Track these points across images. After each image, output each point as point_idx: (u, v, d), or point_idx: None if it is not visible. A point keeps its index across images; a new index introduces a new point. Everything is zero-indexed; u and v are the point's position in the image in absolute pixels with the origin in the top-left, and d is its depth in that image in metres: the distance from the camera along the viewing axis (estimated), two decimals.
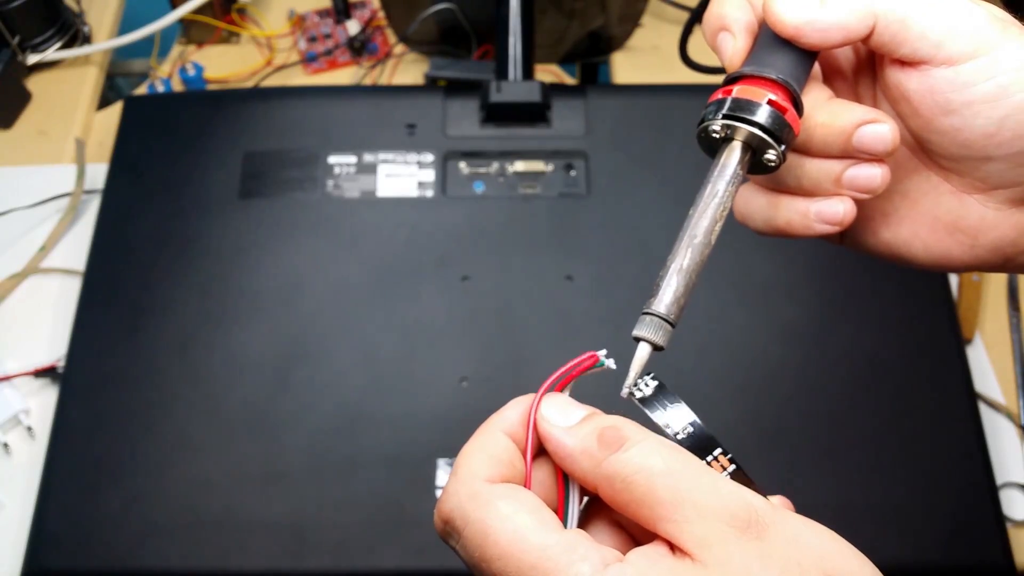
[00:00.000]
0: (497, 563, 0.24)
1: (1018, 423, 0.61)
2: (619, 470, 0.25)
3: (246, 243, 0.63)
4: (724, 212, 0.29)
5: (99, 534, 0.53)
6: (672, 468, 0.24)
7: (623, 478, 0.24)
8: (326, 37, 0.83)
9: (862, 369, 0.59)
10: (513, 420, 0.28)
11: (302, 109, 0.69)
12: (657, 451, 0.25)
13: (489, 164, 0.67)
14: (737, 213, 0.33)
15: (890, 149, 0.29)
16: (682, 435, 0.27)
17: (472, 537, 0.25)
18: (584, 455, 0.26)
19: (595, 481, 0.25)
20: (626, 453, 0.25)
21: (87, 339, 0.60)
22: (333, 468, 0.55)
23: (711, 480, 0.24)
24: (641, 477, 0.24)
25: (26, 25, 0.77)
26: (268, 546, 0.53)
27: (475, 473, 0.26)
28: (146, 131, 0.69)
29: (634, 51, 0.82)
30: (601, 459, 0.25)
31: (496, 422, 0.28)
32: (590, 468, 0.25)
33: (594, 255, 0.63)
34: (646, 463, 0.24)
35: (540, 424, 0.27)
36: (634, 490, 0.24)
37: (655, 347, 0.29)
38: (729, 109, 0.29)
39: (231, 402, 0.57)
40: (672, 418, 0.27)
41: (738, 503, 0.24)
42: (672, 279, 0.30)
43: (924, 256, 0.32)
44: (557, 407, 0.28)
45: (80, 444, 0.56)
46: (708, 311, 0.61)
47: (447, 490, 0.27)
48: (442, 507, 0.26)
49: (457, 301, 0.61)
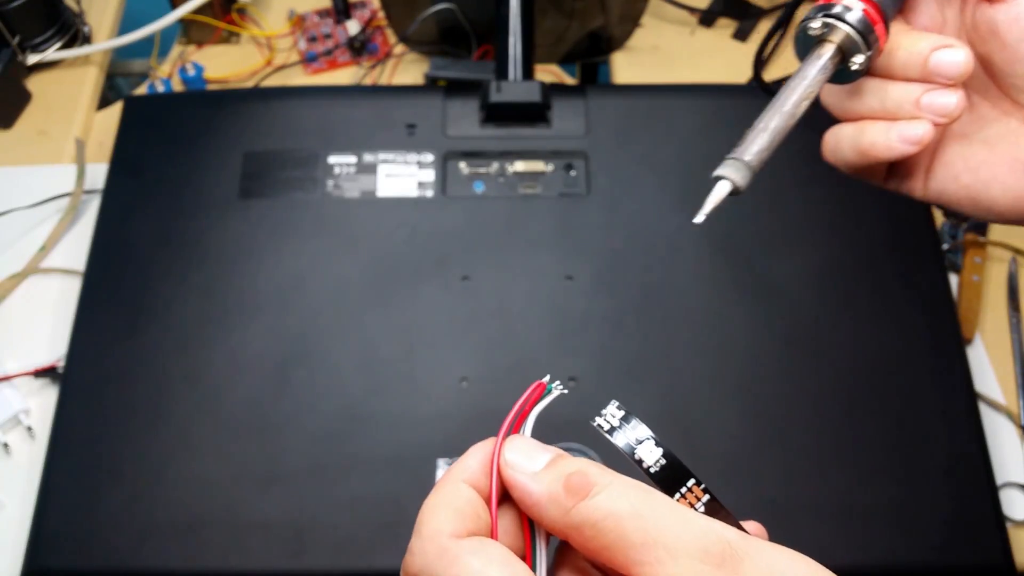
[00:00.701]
0: None
1: (1018, 423, 0.61)
2: (587, 517, 0.24)
3: (246, 243, 0.63)
4: (811, 94, 0.32)
5: (99, 534, 0.53)
6: (640, 510, 0.24)
7: (592, 524, 0.24)
8: (326, 37, 0.83)
9: (862, 369, 0.59)
10: (475, 469, 0.27)
11: (302, 109, 0.69)
12: (623, 494, 0.24)
13: (489, 164, 0.67)
14: (827, 148, 0.36)
15: (963, 72, 0.31)
16: (655, 468, 0.26)
17: None
18: (551, 503, 0.25)
19: (564, 529, 0.25)
20: (593, 500, 0.24)
21: (87, 339, 0.60)
22: (333, 468, 0.55)
23: (681, 517, 0.24)
24: (610, 522, 0.24)
25: (26, 25, 0.77)
26: (268, 546, 0.53)
27: (440, 529, 0.26)
28: (146, 131, 0.69)
29: (634, 51, 0.82)
30: (569, 507, 0.25)
31: (457, 472, 0.27)
32: (558, 516, 0.25)
33: (594, 255, 0.63)
34: (614, 508, 0.24)
35: (504, 471, 0.26)
36: (604, 536, 0.24)
37: (735, 188, 0.31)
38: (828, 10, 0.32)
39: (231, 402, 0.57)
40: (644, 452, 0.26)
41: (710, 538, 0.23)
42: (759, 134, 0.33)
43: (1003, 199, 0.33)
44: (521, 451, 0.27)
45: (80, 444, 0.56)
46: (708, 311, 0.61)
47: (412, 550, 0.26)
48: (409, 568, 0.26)
49: (457, 301, 0.61)
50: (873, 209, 0.65)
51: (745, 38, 0.83)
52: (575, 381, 0.58)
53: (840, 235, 0.64)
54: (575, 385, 0.57)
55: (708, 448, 0.55)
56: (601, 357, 0.59)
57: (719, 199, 0.31)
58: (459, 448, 0.57)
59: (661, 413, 0.56)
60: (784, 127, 0.33)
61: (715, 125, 0.68)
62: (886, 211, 0.65)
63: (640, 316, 0.60)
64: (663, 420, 0.56)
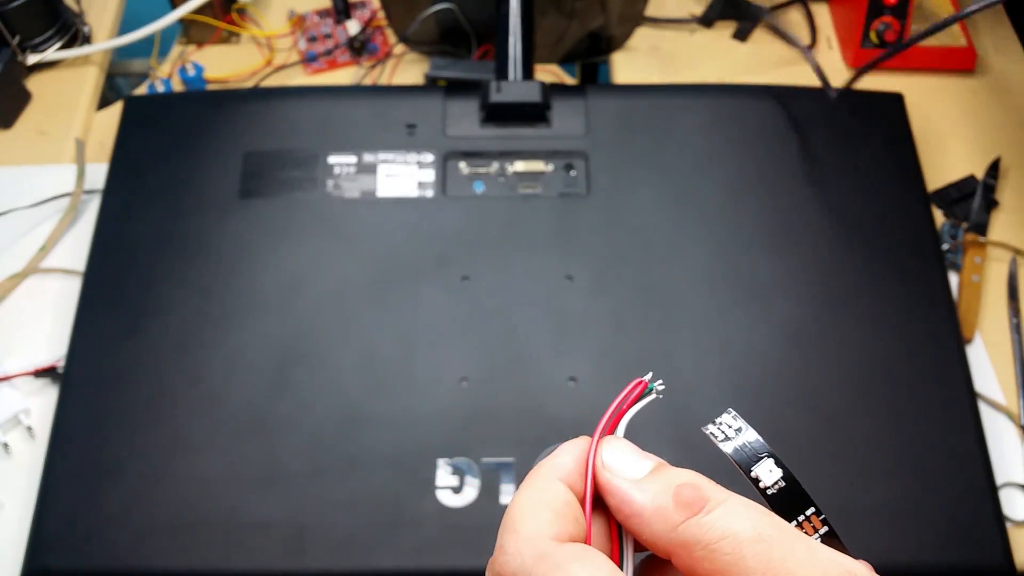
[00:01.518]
0: None
1: (1018, 423, 0.61)
2: (701, 536, 0.22)
3: (246, 243, 0.63)
4: None
5: (99, 534, 0.53)
6: (763, 534, 0.22)
7: (705, 545, 0.22)
8: (326, 37, 0.83)
9: (862, 369, 0.59)
10: (570, 468, 0.25)
11: (302, 109, 0.69)
12: (744, 514, 0.22)
13: (489, 164, 0.67)
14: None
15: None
16: (773, 490, 0.23)
17: None
18: (657, 516, 0.23)
19: (669, 546, 0.22)
20: (708, 516, 0.22)
21: (87, 339, 0.60)
22: (333, 468, 0.55)
23: (806, 547, 0.22)
24: (727, 544, 0.21)
25: (26, 25, 0.77)
26: (268, 546, 0.53)
27: (540, 531, 0.23)
28: (146, 131, 0.69)
29: (634, 51, 0.82)
30: (678, 522, 0.22)
31: (551, 470, 0.25)
32: (663, 531, 0.22)
33: (594, 255, 0.63)
34: (732, 528, 0.22)
35: (602, 474, 0.24)
36: (718, 559, 0.21)
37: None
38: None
39: (231, 402, 0.57)
40: (762, 470, 0.24)
41: (837, 571, 0.21)
42: None
43: None
44: (620, 454, 0.25)
45: (80, 444, 0.56)
46: (708, 311, 0.61)
47: (506, 549, 0.23)
48: (502, 568, 0.23)
49: (457, 301, 0.61)
50: (873, 209, 0.65)
51: (745, 38, 0.83)
52: (575, 381, 0.58)
53: (840, 235, 0.64)
54: (575, 385, 0.57)
55: (708, 448, 0.55)
56: (601, 357, 0.59)
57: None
58: (459, 448, 0.57)
59: (661, 413, 0.56)
60: None
61: (715, 125, 0.68)
62: (886, 211, 0.65)
63: (640, 316, 0.60)
64: (663, 420, 0.56)
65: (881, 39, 0.77)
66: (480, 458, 0.55)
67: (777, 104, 0.69)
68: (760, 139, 0.68)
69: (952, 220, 0.70)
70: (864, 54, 0.78)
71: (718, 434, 0.25)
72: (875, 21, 0.77)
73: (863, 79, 0.77)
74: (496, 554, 0.24)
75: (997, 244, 0.69)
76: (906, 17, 0.76)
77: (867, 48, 0.78)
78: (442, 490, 0.54)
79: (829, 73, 0.76)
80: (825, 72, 0.70)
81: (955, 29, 0.80)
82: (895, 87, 0.73)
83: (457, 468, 0.55)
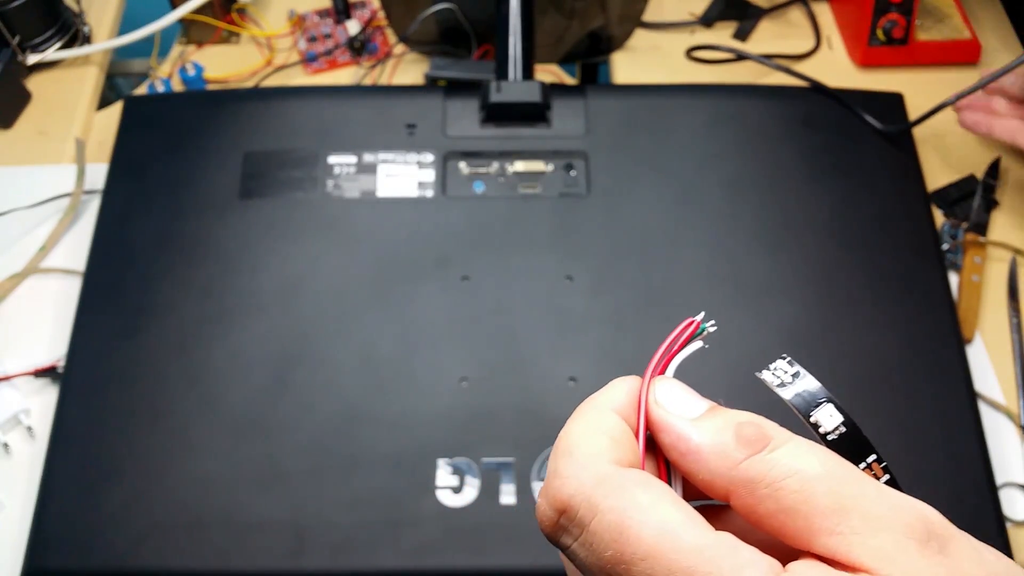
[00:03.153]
0: (641, 565, 0.20)
1: (1018, 423, 0.61)
2: (766, 473, 0.21)
3: (246, 243, 0.63)
4: None
5: (99, 534, 0.53)
6: (832, 472, 0.21)
7: (770, 483, 0.21)
8: (326, 37, 0.83)
9: (862, 369, 0.59)
10: (623, 401, 0.24)
11: (302, 109, 0.69)
12: (811, 452, 0.21)
13: (489, 164, 0.67)
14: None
15: None
16: (833, 435, 0.22)
17: (604, 531, 0.20)
18: (716, 454, 0.22)
19: (728, 485, 0.21)
20: (773, 453, 0.21)
21: (87, 339, 0.60)
22: (333, 468, 0.55)
23: (876, 488, 0.21)
24: (795, 482, 0.20)
25: (26, 25, 0.77)
26: (268, 546, 0.53)
27: (599, 454, 0.22)
28: (146, 131, 0.69)
29: (634, 51, 0.82)
30: (739, 459, 0.21)
31: (604, 401, 0.24)
32: (723, 470, 0.21)
33: (594, 255, 0.63)
34: (799, 465, 0.21)
35: (655, 411, 0.23)
36: (784, 498, 0.20)
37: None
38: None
39: (231, 402, 0.57)
40: (823, 415, 0.23)
41: (912, 513, 0.20)
42: None
43: None
44: (673, 394, 0.24)
45: (80, 444, 0.56)
46: (708, 311, 0.60)
47: (561, 472, 0.22)
48: (558, 493, 0.22)
49: (457, 301, 0.61)
50: (873, 209, 0.65)
51: (745, 38, 0.82)
52: (575, 381, 0.58)
53: (840, 235, 0.64)
54: (575, 385, 0.57)
55: None
56: (601, 357, 0.59)
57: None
58: (459, 448, 0.57)
59: None
60: None
61: (715, 125, 0.68)
62: (886, 211, 0.65)
63: (640, 316, 0.60)
64: None
65: (888, 36, 0.77)
66: (480, 458, 0.55)
67: (777, 104, 0.69)
68: (760, 139, 0.68)
69: (952, 220, 0.70)
70: (872, 52, 0.78)
71: (774, 380, 0.24)
72: (882, 19, 0.77)
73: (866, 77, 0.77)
74: (550, 480, 0.22)
75: (997, 244, 0.69)
76: (911, 14, 0.76)
77: (875, 46, 0.78)
78: (442, 490, 0.54)
79: (830, 72, 0.76)
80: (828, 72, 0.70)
81: (958, 22, 0.80)
82: (898, 85, 0.73)
83: (457, 468, 0.55)
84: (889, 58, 0.79)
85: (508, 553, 0.52)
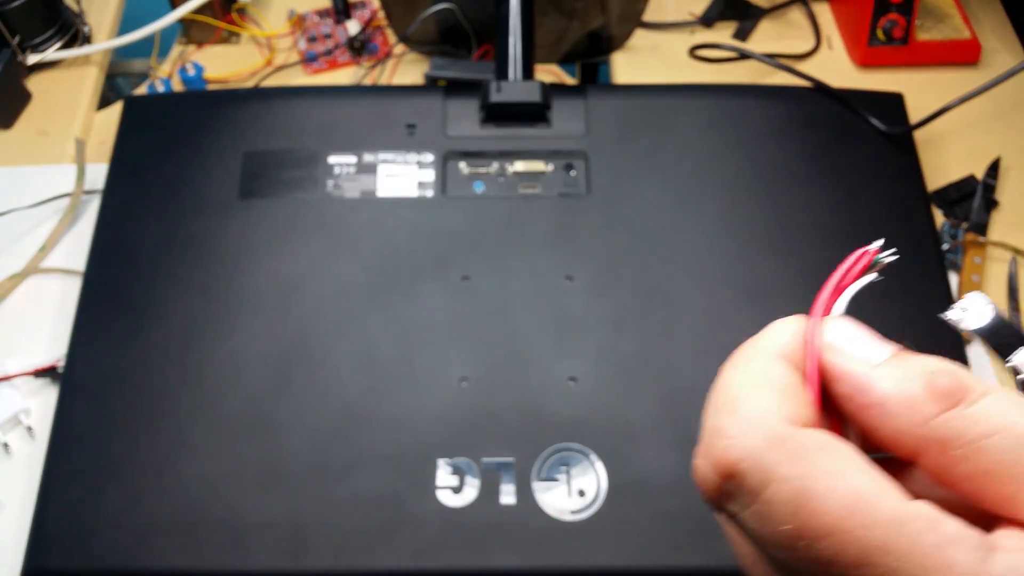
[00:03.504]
0: (825, 542, 0.17)
1: None
2: (964, 431, 0.18)
3: (246, 243, 0.63)
4: None
5: (99, 534, 0.53)
6: None
7: (968, 442, 0.18)
8: (326, 37, 0.83)
9: None
10: (789, 344, 0.21)
11: (302, 109, 0.69)
12: (1018, 406, 0.18)
13: (489, 164, 0.67)
14: None
15: None
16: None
17: (781, 504, 0.18)
18: (904, 406, 0.19)
19: (917, 443, 0.19)
20: (972, 408, 0.18)
21: (87, 339, 0.60)
22: (333, 468, 0.55)
23: None
24: (1000, 441, 0.18)
25: (26, 25, 0.77)
26: (268, 546, 0.53)
27: (770, 411, 0.19)
28: (146, 131, 0.69)
29: (634, 51, 0.82)
30: (932, 414, 0.19)
31: (768, 345, 0.21)
32: (912, 426, 0.19)
33: (594, 255, 0.62)
34: (1004, 422, 0.18)
35: (830, 356, 0.20)
36: (984, 458, 0.18)
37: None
38: None
39: (231, 402, 0.57)
40: (1020, 359, 0.20)
41: None
42: None
43: None
44: (850, 336, 0.21)
45: (80, 444, 0.56)
46: (708, 311, 0.61)
47: (725, 432, 0.19)
48: (723, 456, 0.19)
49: (457, 301, 0.61)
50: (873, 209, 0.65)
51: (745, 38, 0.83)
52: (575, 381, 0.58)
53: (840, 235, 0.64)
54: (575, 385, 0.57)
55: None
56: (601, 357, 0.59)
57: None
58: (459, 448, 0.57)
59: (661, 413, 0.56)
60: None
61: (715, 125, 0.68)
62: (886, 211, 0.65)
63: (640, 316, 0.60)
64: (663, 420, 0.56)
65: (888, 36, 0.77)
66: (480, 458, 0.55)
67: (777, 104, 0.69)
68: (760, 139, 0.68)
69: (952, 220, 0.70)
70: (872, 52, 0.78)
71: (957, 318, 0.21)
72: (882, 19, 0.77)
73: (866, 77, 0.77)
74: (712, 439, 0.20)
75: (997, 244, 0.69)
76: (911, 14, 0.77)
77: (875, 46, 0.78)
78: (442, 490, 0.54)
79: (830, 72, 0.76)
80: (827, 72, 0.70)
81: (958, 22, 0.80)
82: (898, 85, 0.73)
83: (457, 468, 0.55)
84: (889, 58, 0.79)
85: (508, 553, 0.52)
